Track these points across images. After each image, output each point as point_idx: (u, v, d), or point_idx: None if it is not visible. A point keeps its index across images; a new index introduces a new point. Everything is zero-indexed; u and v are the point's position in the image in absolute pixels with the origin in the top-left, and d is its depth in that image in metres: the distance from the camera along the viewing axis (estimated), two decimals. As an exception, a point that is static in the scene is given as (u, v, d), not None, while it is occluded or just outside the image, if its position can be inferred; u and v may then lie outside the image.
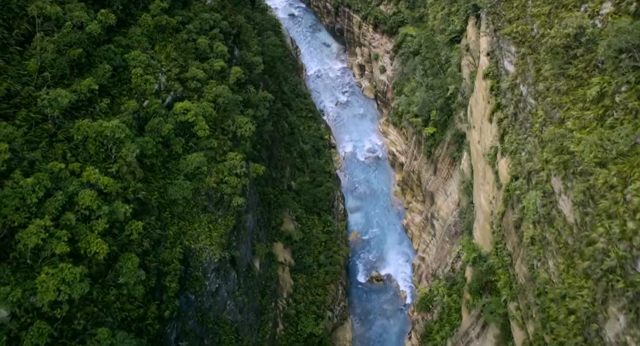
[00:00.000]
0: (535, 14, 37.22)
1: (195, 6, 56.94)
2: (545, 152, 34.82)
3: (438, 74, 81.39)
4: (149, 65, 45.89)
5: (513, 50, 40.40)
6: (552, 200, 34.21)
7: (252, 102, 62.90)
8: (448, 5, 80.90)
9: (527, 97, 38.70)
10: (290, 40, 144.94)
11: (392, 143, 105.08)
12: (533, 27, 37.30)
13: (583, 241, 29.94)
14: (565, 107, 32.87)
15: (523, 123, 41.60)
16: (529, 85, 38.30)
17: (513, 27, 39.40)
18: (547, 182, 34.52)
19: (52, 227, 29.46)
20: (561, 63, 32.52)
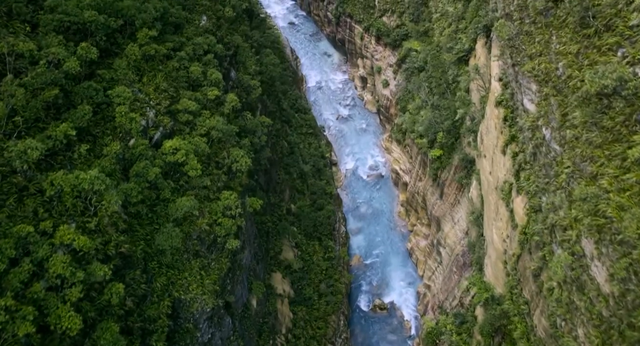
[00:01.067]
0: (560, 52, 33.48)
1: (188, 30, 53.21)
2: (574, 209, 31.09)
3: (445, 94, 77.67)
4: (136, 99, 42.16)
5: (534, 89, 36.69)
6: (582, 264, 30.50)
7: (249, 128, 59.19)
8: (455, 22, 77.20)
9: (551, 142, 34.96)
10: (290, 50, 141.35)
11: (395, 161, 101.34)
12: (558, 67, 33.56)
13: (624, 320, 26.26)
14: (599, 162, 29.14)
15: (544, 168, 37.85)
16: (553, 129, 34.56)
17: (534, 64, 35.68)
18: (577, 243, 30.79)
19: (13, 306, 25.69)
20: (594, 112, 28.78)
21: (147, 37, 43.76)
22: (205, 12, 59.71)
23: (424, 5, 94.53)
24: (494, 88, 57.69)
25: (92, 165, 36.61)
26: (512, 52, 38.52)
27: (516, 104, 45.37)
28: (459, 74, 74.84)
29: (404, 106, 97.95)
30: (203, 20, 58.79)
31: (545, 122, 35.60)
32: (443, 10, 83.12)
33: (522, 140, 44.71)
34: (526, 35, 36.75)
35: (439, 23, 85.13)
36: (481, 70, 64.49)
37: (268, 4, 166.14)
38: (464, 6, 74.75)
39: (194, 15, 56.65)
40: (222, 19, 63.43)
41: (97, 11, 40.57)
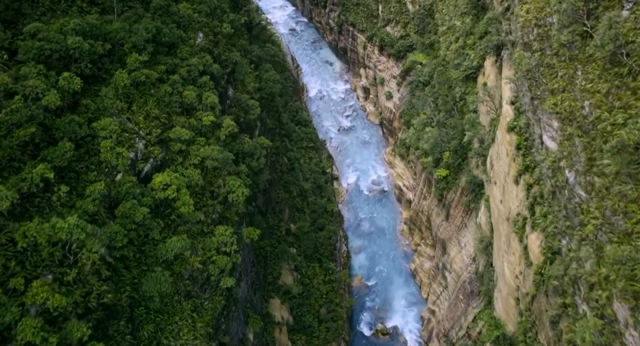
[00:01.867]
0: (587, 89, 30.41)
1: (182, 50, 50.11)
2: (604, 267, 28.03)
3: (451, 112, 74.58)
4: (125, 130, 39.10)
5: (555, 126, 33.62)
6: (614, 329, 27.45)
7: (247, 151, 56.13)
8: (463, 37, 74.13)
9: (575, 187, 31.88)
10: (290, 58, 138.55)
11: (398, 176, 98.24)
12: (584, 106, 30.49)
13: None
14: (634, 219, 26.08)
15: (565, 209, 34.76)
16: (578, 173, 31.48)
17: (557, 100, 32.61)
18: (608, 305, 27.73)
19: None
20: (630, 163, 25.70)
21: (137, 62, 40.59)
22: (202, 29, 56.66)
23: (430, 17, 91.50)
24: (506, 112, 54.64)
25: (74, 206, 33.56)
26: (531, 84, 35.49)
27: (532, 136, 42.29)
28: (467, 91, 71.79)
29: (407, 120, 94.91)
30: (199, 38, 55.75)
31: (568, 163, 32.52)
32: (450, 23, 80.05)
33: (539, 175, 41.64)
34: (547, 68, 33.71)
35: (445, 36, 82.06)
36: (491, 90, 61.41)
37: (269, 10, 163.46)
38: (472, 21, 71.70)
39: (189, 33, 53.58)
40: (220, 35, 60.38)
41: (82, 36, 37.50)
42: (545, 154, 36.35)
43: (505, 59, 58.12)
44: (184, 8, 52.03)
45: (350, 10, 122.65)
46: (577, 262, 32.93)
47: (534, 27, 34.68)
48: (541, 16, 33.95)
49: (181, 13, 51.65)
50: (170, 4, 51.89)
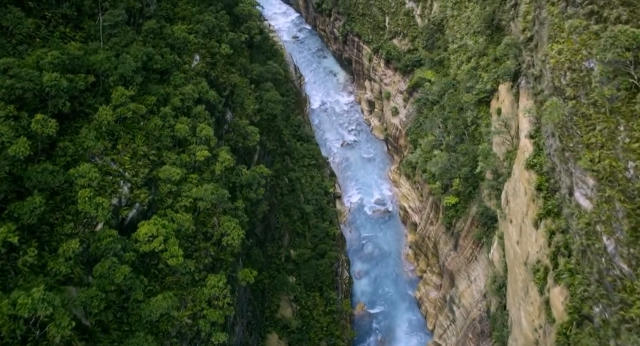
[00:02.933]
0: (632, 149, 26.49)
1: (176, 77, 46.14)
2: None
3: (462, 136, 70.60)
4: (108, 172, 35.25)
5: (591, 184, 29.67)
6: None
7: (245, 182, 52.28)
8: (475, 57, 70.10)
9: (616, 258, 27.93)
10: (293, 67, 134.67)
11: (403, 196, 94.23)
12: (628, 167, 26.55)
13: None
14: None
15: (600, 278, 30.82)
16: (620, 243, 27.53)
17: (594, 157, 28.66)
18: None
19: None
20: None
21: (124, 97, 36.69)
22: (198, 50, 52.78)
23: (440, 33, 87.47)
24: (524, 146, 50.71)
25: (45, 266, 29.71)
26: (562, 133, 31.57)
27: (559, 183, 38.34)
28: (479, 115, 67.82)
29: (414, 139, 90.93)
30: (195, 61, 51.87)
31: (607, 230, 28.55)
32: (462, 42, 76.04)
33: (565, 225, 37.70)
34: (582, 119, 29.77)
35: (456, 55, 78.05)
36: (507, 120, 57.41)
37: (272, 16, 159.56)
38: (486, 41, 67.69)
39: (184, 57, 49.70)
40: (218, 55, 56.50)
41: (62, 69, 33.60)
42: (576, 211, 32.37)
43: (522, 87, 54.20)
44: (178, 30, 48.15)
45: (356, 20, 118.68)
46: (614, 340, 29.03)
47: (567, 71, 30.80)
48: (576, 59, 30.09)
49: (176, 35, 47.75)
50: (164, 26, 48.05)
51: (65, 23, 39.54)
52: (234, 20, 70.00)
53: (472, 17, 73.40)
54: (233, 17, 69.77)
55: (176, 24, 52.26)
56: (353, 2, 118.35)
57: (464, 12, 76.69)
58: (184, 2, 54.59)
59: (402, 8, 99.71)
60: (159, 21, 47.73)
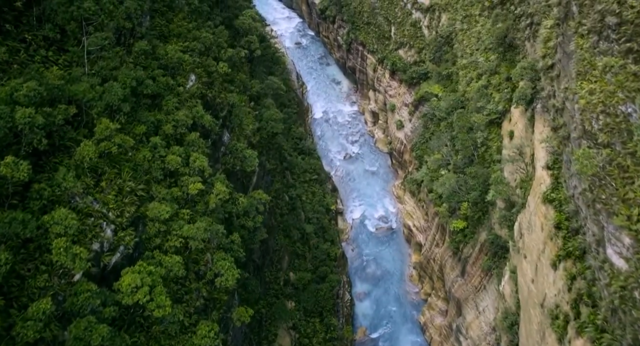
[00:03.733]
0: (679, 211, 23.15)
1: (169, 101, 42.89)
2: None
3: (472, 158, 67.31)
4: (89, 214, 32.04)
5: (627, 243, 26.42)
6: None
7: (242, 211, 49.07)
8: (487, 75, 66.76)
9: (657, 332, 24.62)
10: (295, 75, 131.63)
11: (408, 214, 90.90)
12: (674, 232, 23.21)
13: None
14: None
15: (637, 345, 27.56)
16: (662, 316, 24.21)
17: (632, 215, 25.38)
18: None
19: None
20: None
21: (108, 131, 33.45)
22: (194, 70, 49.54)
23: (448, 45, 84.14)
24: (541, 177, 47.45)
25: (11, 328, 26.49)
26: (594, 183, 28.30)
27: (583, 228, 35.07)
28: (490, 137, 64.56)
29: (420, 156, 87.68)
30: (191, 81, 48.64)
31: (646, 298, 25.26)
32: (472, 58, 72.73)
33: (591, 277, 34.42)
34: (619, 170, 26.48)
35: (465, 71, 74.75)
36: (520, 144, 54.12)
37: (275, 21, 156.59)
38: (498, 58, 64.38)
39: (178, 78, 46.46)
40: (216, 74, 53.28)
41: (38, 103, 30.37)
42: (608, 269, 29.07)
43: (538, 112, 50.95)
44: (172, 50, 44.88)
45: (361, 29, 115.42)
46: None
47: (600, 115, 27.57)
48: (611, 103, 26.87)
49: (169, 56, 44.48)
50: (157, 46, 44.78)
51: (48, 46, 36.32)
52: (234, 33, 66.80)
53: (483, 32, 70.11)
54: (233, 30, 66.58)
55: (171, 43, 49.12)
56: (358, 10, 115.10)
57: (474, 26, 73.40)
58: (180, 18, 51.38)
59: (409, 18, 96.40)
60: (151, 41, 44.45)
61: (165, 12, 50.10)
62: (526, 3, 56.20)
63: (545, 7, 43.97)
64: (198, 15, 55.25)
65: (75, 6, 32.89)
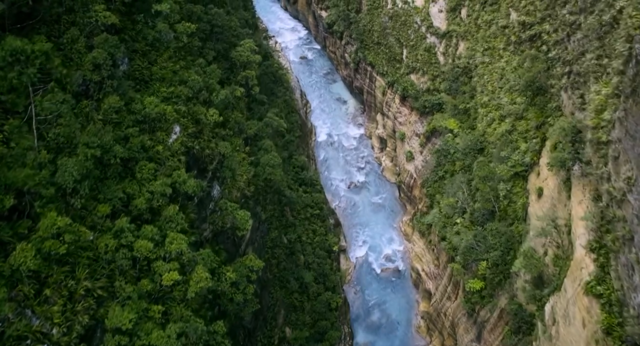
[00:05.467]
0: None
1: (144, 169, 35.90)
2: None
3: (492, 211, 60.17)
4: (22, 337, 25.11)
5: None
6: None
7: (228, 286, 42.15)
8: (511, 119, 59.60)
9: None
10: (299, 93, 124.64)
11: (416, 256, 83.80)
12: None
13: None
14: None
15: None
16: None
17: None
18: None
19: None
20: None
21: (56, 228, 26.48)
22: (180, 120, 42.59)
23: (466, 76, 76.92)
24: (581, 259, 40.41)
25: None
26: None
27: None
28: (514, 191, 57.47)
29: (431, 194, 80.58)
30: (174, 135, 41.70)
31: None
32: (493, 95, 65.59)
33: None
34: None
35: (486, 109, 67.55)
36: (552, 212, 47.02)
37: (279, 32, 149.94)
38: (526, 102, 57.23)
39: (159, 133, 39.50)
40: (205, 121, 46.34)
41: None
42: None
43: (577, 176, 43.84)
44: (152, 103, 37.89)
45: (370, 48, 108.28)
46: None
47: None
48: None
49: (147, 111, 37.54)
50: (134, 99, 37.83)
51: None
52: (230, 66, 59.88)
53: (508, 69, 62.94)
54: (229, 61, 59.70)
55: (153, 87, 42.24)
56: (367, 29, 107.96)
57: (497, 61, 66.21)
58: (165, 58, 44.41)
59: (423, 42, 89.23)
60: (126, 92, 37.48)
61: (148, 52, 43.14)
62: (562, 46, 49.07)
63: (597, 66, 36.83)
64: (187, 53, 48.31)
65: (16, 72, 25.96)
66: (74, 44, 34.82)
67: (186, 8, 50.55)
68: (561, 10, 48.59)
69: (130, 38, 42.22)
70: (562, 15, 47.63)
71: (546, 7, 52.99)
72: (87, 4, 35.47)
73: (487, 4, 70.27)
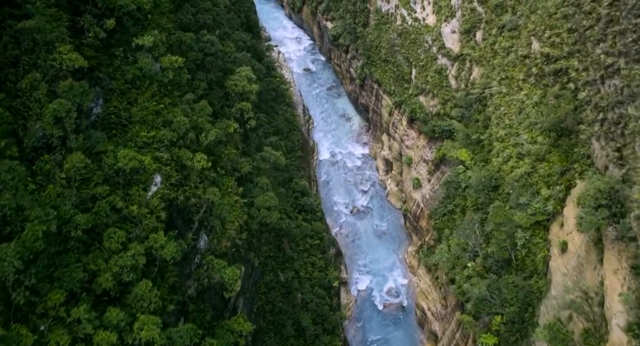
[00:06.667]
0: None
1: (113, 237, 30.65)
2: None
3: (509, 260, 54.84)
4: None
5: None
6: None
7: None
8: (531, 159, 54.23)
9: None
10: (302, 108, 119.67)
11: (422, 294, 78.50)
12: None
13: None
14: None
15: None
16: None
17: None
18: None
19: None
20: None
21: None
22: (162, 169, 37.44)
23: (480, 103, 71.48)
24: (619, 341, 35.07)
25: None
26: None
27: None
28: (534, 241, 52.15)
29: (440, 228, 75.23)
30: (154, 187, 36.57)
31: None
32: (511, 131, 60.22)
33: None
34: None
35: (502, 144, 62.16)
36: (582, 283, 41.66)
37: (283, 41, 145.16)
38: (550, 144, 51.88)
39: (135, 188, 34.35)
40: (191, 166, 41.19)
41: None
42: None
43: (611, 239, 38.55)
44: (125, 157, 32.71)
45: (377, 65, 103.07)
46: None
47: None
48: None
49: (119, 165, 32.39)
50: (106, 151, 32.70)
51: None
52: (225, 94, 54.75)
53: (528, 103, 57.58)
54: (224, 89, 54.56)
55: (133, 130, 37.15)
56: (375, 45, 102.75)
57: (515, 93, 60.81)
58: (147, 96, 39.24)
59: (434, 64, 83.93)
60: (96, 143, 32.33)
61: (127, 91, 38.04)
62: (594, 88, 43.71)
63: (645, 128, 31.53)
64: (174, 87, 43.13)
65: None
66: (34, 91, 29.73)
67: (175, 37, 45.36)
68: (594, 48, 43.23)
69: (108, 75, 37.21)
70: (595, 54, 42.26)
71: (575, 42, 47.62)
72: (50, 43, 30.32)
73: (505, 28, 64.91)
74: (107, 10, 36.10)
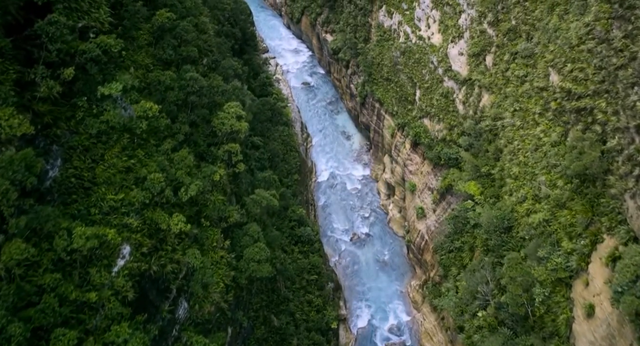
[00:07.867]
0: None
1: (62, 340, 25.48)
2: None
3: (526, 317, 49.59)
4: None
5: None
6: None
7: None
8: (550, 205, 48.91)
9: None
10: (300, 126, 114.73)
11: (426, 334, 73.24)
12: None
13: None
14: None
15: None
16: None
17: None
18: None
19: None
20: None
21: None
22: (130, 238, 32.21)
23: (490, 132, 66.12)
24: None
25: None
26: None
27: None
28: (555, 299, 46.90)
29: (446, 266, 69.93)
30: (122, 260, 31.39)
31: None
32: (527, 169, 54.96)
33: None
34: None
35: (516, 183, 56.91)
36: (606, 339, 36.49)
37: (281, 53, 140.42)
38: (572, 190, 46.59)
39: (94, 269, 29.10)
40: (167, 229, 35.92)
41: None
42: None
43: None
44: (81, 236, 27.42)
45: (378, 83, 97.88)
46: None
47: None
48: None
49: (73, 247, 27.10)
50: (58, 231, 27.44)
51: None
52: (212, 132, 49.51)
53: (546, 140, 52.29)
54: (209, 127, 49.33)
55: (97, 193, 31.94)
56: (376, 62, 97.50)
57: (531, 128, 55.48)
58: (117, 150, 34.04)
59: (439, 86, 78.68)
60: (47, 220, 27.11)
61: (91, 147, 32.83)
62: (627, 137, 38.44)
63: None
64: (150, 135, 37.90)
65: None
66: (-33, 165, 24.51)
67: (152, 77, 40.12)
68: (627, 91, 37.97)
69: (68, 129, 32.03)
70: (630, 100, 37.00)
71: (602, 80, 42.36)
72: (-12, 106, 25.13)
73: (518, 55, 59.64)
74: (67, 56, 30.85)
